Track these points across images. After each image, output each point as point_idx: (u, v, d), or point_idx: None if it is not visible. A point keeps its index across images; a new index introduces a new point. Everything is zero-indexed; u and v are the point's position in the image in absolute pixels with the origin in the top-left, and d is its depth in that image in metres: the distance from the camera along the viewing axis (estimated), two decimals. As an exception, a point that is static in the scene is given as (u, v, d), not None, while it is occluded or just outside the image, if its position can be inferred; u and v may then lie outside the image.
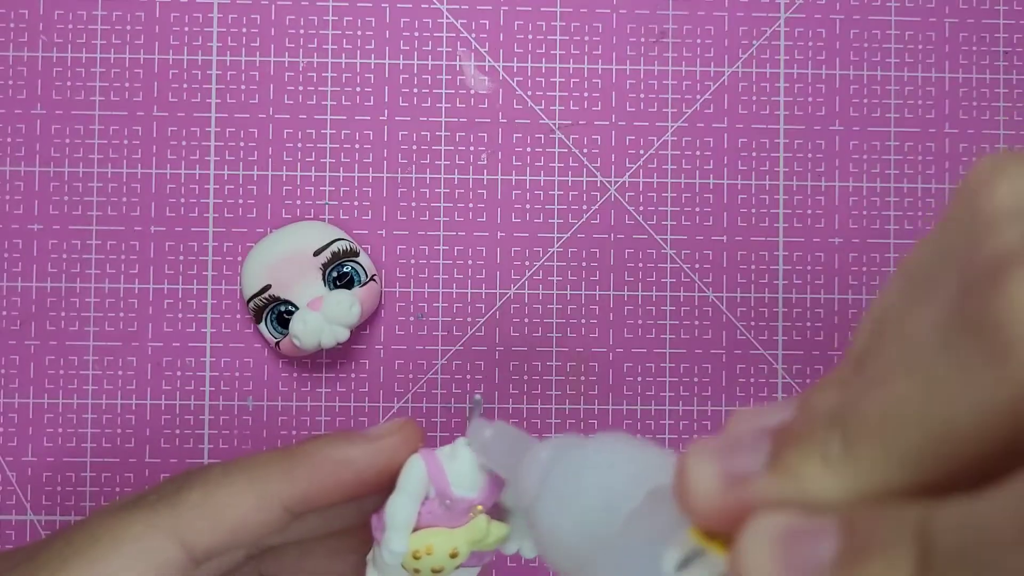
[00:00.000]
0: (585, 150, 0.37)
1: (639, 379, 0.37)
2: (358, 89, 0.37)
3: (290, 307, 0.35)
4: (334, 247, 0.35)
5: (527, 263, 0.37)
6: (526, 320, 0.37)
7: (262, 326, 0.35)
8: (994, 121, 0.38)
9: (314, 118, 0.37)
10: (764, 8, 0.38)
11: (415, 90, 0.37)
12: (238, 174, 0.37)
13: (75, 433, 0.36)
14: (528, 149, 0.37)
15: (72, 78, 0.37)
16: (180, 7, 0.37)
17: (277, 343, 0.35)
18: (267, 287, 0.35)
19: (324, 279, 0.35)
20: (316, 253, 0.35)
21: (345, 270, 0.35)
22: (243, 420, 0.37)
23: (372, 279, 0.36)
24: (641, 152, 0.38)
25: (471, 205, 0.37)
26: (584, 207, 0.37)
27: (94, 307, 0.36)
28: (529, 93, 0.37)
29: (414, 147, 0.37)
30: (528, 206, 0.37)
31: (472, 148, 0.37)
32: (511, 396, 0.37)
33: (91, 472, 0.36)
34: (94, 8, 0.37)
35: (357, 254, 0.35)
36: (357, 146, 0.37)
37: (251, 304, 0.35)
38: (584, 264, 0.37)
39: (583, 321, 0.37)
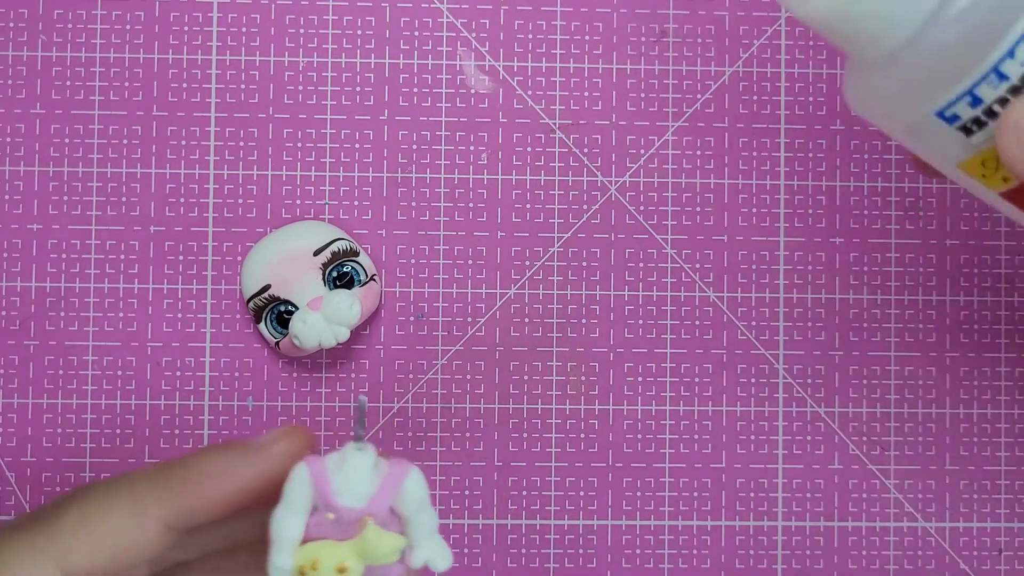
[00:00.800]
0: (585, 150, 0.37)
1: (639, 379, 0.37)
2: (358, 89, 0.37)
3: (290, 307, 0.35)
4: (334, 247, 0.35)
5: (527, 263, 0.37)
6: (526, 320, 0.37)
7: (262, 326, 0.35)
8: (995, 121, 0.38)
9: (314, 118, 0.37)
10: (764, 8, 0.38)
11: (415, 90, 0.37)
12: (238, 174, 0.37)
13: (74, 433, 0.36)
14: (528, 149, 0.37)
15: (72, 77, 0.37)
16: (180, 6, 0.37)
17: (277, 343, 0.35)
18: (267, 287, 0.35)
19: (324, 279, 0.35)
20: (316, 253, 0.35)
21: (345, 270, 0.35)
22: (243, 420, 0.37)
23: (372, 279, 0.35)
24: (641, 152, 0.37)
25: (471, 205, 0.37)
26: (584, 207, 0.37)
27: (93, 307, 0.36)
28: (529, 93, 0.37)
29: (414, 147, 0.37)
30: (528, 206, 0.37)
31: (472, 148, 0.37)
32: (511, 396, 0.37)
33: (90, 472, 0.36)
34: (94, 7, 0.37)
35: (357, 254, 0.35)
36: (357, 146, 0.37)
37: (251, 304, 0.35)
38: (584, 264, 0.37)
39: (583, 321, 0.37)
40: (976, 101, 0.23)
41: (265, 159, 0.37)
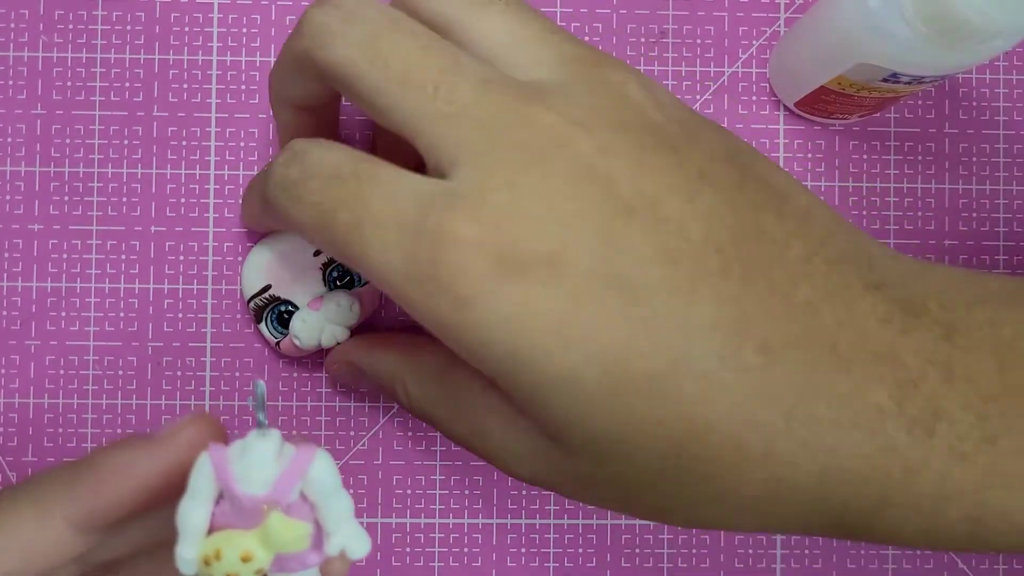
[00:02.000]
0: (585, 150, 0.37)
1: (639, 379, 0.37)
2: (358, 89, 0.37)
3: (290, 307, 0.35)
4: None
5: (527, 263, 0.37)
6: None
7: (262, 326, 0.35)
8: (994, 121, 0.38)
9: (314, 118, 0.37)
10: (764, 8, 0.38)
11: (415, 90, 0.37)
12: (238, 174, 0.37)
13: (75, 433, 0.36)
14: (528, 149, 0.37)
15: (72, 78, 0.37)
16: (180, 7, 0.37)
17: (277, 343, 0.35)
18: (267, 287, 0.35)
19: (324, 279, 0.35)
20: (316, 253, 0.35)
21: (345, 270, 0.35)
22: (243, 420, 0.37)
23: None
24: (641, 152, 0.37)
25: (471, 205, 0.37)
26: (584, 207, 0.37)
27: (94, 307, 0.36)
28: (529, 93, 0.37)
29: (414, 147, 0.37)
30: (528, 206, 0.37)
31: (472, 148, 0.37)
32: (511, 396, 0.37)
33: (91, 472, 0.36)
34: (94, 8, 0.37)
35: None
36: (357, 146, 0.37)
37: (251, 304, 0.35)
38: (584, 264, 0.37)
39: (583, 321, 0.37)
40: None
41: (265, 159, 0.37)
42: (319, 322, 0.34)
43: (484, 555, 0.37)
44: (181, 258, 0.37)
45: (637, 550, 0.37)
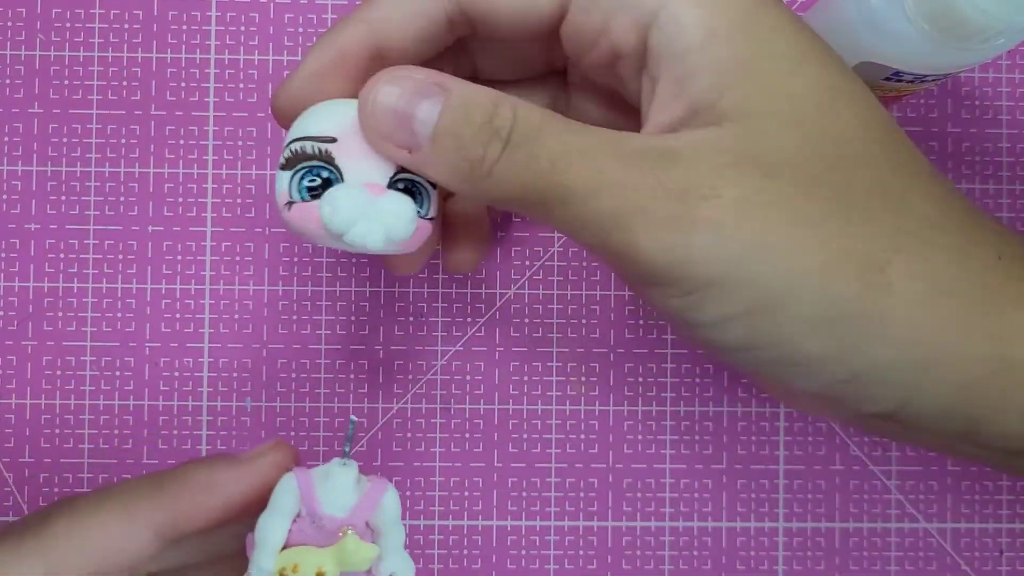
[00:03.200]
0: (585, 149, 0.37)
1: (639, 379, 0.37)
2: (357, 88, 0.37)
3: (334, 176, 0.26)
4: None
5: (527, 263, 0.37)
6: (526, 320, 0.37)
7: (284, 176, 0.26)
8: (997, 120, 0.38)
9: (313, 117, 0.37)
10: (765, 6, 0.38)
11: (414, 89, 0.37)
12: (236, 173, 0.37)
13: (72, 434, 0.36)
14: (528, 148, 0.37)
15: (70, 76, 0.37)
16: (178, 5, 0.37)
17: (288, 204, 0.26)
18: (331, 139, 0.26)
19: (390, 182, 0.26)
20: None
21: (412, 187, 0.27)
22: (241, 421, 0.36)
23: (431, 220, 0.27)
24: (642, 151, 0.37)
25: (471, 204, 0.37)
26: (584, 206, 0.37)
27: (91, 307, 0.36)
28: (529, 92, 0.37)
29: (413, 146, 0.37)
30: (528, 205, 0.37)
31: (472, 147, 0.37)
32: (511, 396, 0.37)
33: (88, 473, 0.36)
34: (92, 6, 0.37)
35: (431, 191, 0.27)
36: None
37: (294, 145, 0.26)
38: (584, 264, 0.37)
39: (583, 321, 0.37)
40: None
41: (264, 159, 0.37)
42: (366, 209, 0.25)
43: (484, 556, 0.37)
44: (179, 258, 0.36)
45: (637, 551, 0.37)
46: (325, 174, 0.26)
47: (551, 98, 0.31)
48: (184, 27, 0.37)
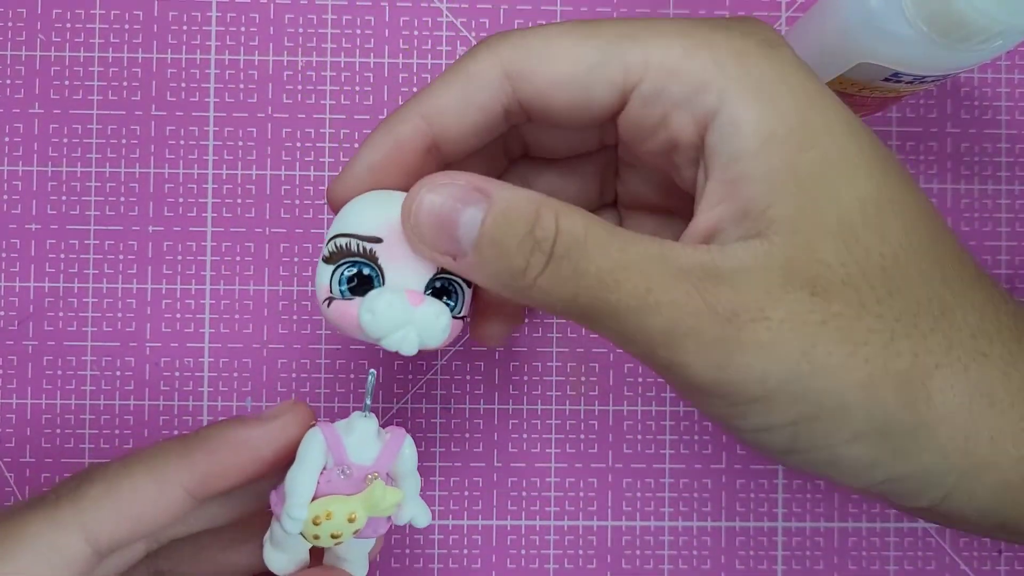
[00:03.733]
0: (585, 150, 0.37)
1: (639, 379, 0.37)
2: (357, 89, 0.37)
3: (375, 274, 0.26)
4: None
5: (527, 263, 0.37)
6: (525, 320, 0.37)
7: (326, 270, 0.26)
8: (996, 120, 0.38)
9: (313, 117, 0.37)
10: (765, 8, 0.38)
11: (414, 89, 0.37)
12: (236, 173, 0.37)
13: (73, 434, 0.36)
14: (528, 149, 0.37)
15: (70, 77, 0.37)
16: (178, 5, 0.37)
17: (328, 300, 0.26)
18: (377, 239, 0.26)
19: (429, 281, 0.27)
20: None
21: (448, 287, 0.27)
22: (242, 421, 0.36)
23: (464, 319, 0.28)
24: (641, 152, 0.37)
25: (471, 205, 0.37)
26: (584, 207, 0.37)
27: (92, 307, 0.36)
28: (529, 92, 0.37)
29: (413, 146, 0.37)
30: (528, 206, 0.37)
31: (472, 147, 0.37)
32: (511, 396, 0.37)
33: (89, 473, 0.36)
34: (92, 7, 0.37)
35: (464, 289, 0.28)
36: (356, 146, 0.37)
37: (340, 240, 0.26)
38: (584, 264, 0.37)
39: (583, 321, 0.37)
40: None
41: (264, 159, 0.37)
42: (405, 317, 0.26)
43: (484, 556, 0.37)
44: (179, 258, 0.37)
45: (637, 551, 0.37)
46: (367, 271, 0.26)
47: (601, 174, 0.31)
48: (184, 27, 0.37)
